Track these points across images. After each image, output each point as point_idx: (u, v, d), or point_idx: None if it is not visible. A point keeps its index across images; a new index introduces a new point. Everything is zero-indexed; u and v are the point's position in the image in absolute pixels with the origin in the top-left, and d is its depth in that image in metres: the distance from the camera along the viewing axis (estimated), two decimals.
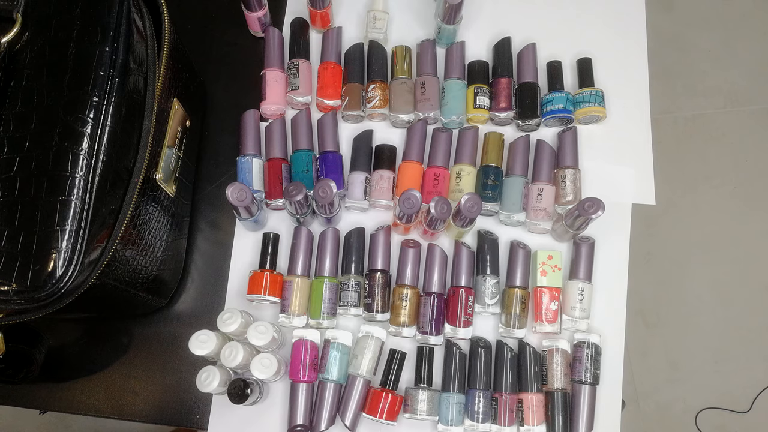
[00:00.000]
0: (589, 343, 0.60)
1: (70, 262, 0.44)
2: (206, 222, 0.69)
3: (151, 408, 0.63)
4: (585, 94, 0.66)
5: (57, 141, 0.46)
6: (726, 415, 1.37)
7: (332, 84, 0.68)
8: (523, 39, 0.70)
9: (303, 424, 0.58)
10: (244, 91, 0.71)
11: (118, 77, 0.48)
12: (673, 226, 1.46)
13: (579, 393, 0.59)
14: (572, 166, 0.64)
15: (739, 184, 1.48)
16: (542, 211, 0.62)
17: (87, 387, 0.64)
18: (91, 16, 0.49)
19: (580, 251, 0.62)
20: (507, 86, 0.67)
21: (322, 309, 0.61)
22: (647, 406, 1.38)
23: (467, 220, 0.59)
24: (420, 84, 0.67)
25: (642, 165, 0.67)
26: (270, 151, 0.66)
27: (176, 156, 0.60)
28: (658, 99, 1.52)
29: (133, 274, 0.54)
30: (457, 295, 0.60)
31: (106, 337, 0.65)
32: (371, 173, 0.66)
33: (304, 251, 0.63)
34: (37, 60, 0.47)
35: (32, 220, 0.44)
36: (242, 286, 0.65)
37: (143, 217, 0.54)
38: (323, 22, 0.71)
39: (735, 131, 1.51)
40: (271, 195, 0.65)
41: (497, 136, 0.66)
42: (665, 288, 1.43)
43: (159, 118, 0.54)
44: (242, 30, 0.73)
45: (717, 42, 1.57)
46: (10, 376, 0.59)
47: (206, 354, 0.56)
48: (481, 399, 0.58)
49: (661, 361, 1.40)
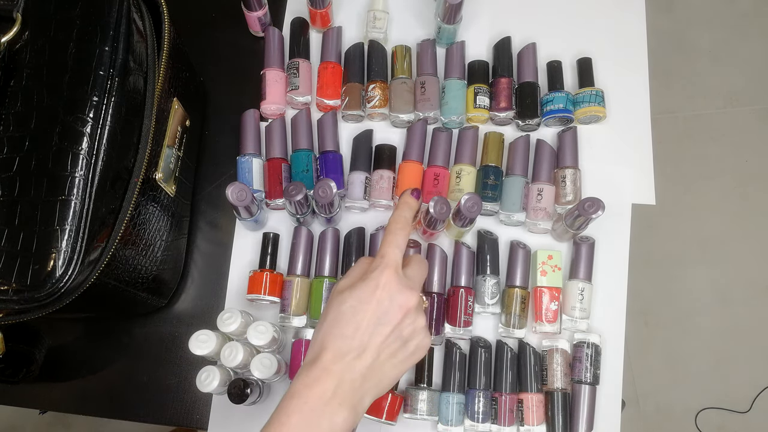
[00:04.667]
0: (589, 343, 0.60)
1: (70, 261, 0.44)
2: (206, 222, 0.69)
3: (151, 408, 0.63)
4: (585, 94, 0.66)
5: (57, 141, 0.46)
6: (726, 415, 1.37)
7: (332, 84, 0.68)
8: (523, 39, 0.70)
9: None
10: (244, 91, 0.71)
11: (117, 77, 0.48)
12: (673, 226, 1.46)
13: (579, 393, 0.59)
14: (572, 166, 0.64)
15: (739, 184, 1.48)
16: (542, 211, 0.62)
17: (87, 387, 0.64)
18: (91, 15, 0.49)
19: (580, 251, 0.62)
20: (507, 86, 0.67)
21: (321, 309, 0.60)
22: (647, 406, 1.38)
23: (467, 220, 0.59)
24: (420, 84, 0.67)
25: (642, 165, 0.67)
26: (270, 150, 0.66)
27: (176, 156, 0.60)
28: (658, 99, 1.52)
29: (133, 273, 0.54)
30: (457, 295, 0.60)
31: (106, 337, 0.65)
32: (371, 173, 0.66)
33: (304, 251, 0.63)
34: (37, 60, 0.47)
35: (32, 220, 0.44)
36: (242, 286, 0.65)
37: (143, 216, 0.54)
38: (323, 22, 0.71)
39: (735, 131, 1.51)
40: (271, 195, 0.65)
41: (497, 136, 0.66)
42: (665, 288, 1.43)
43: (159, 118, 0.54)
44: (242, 30, 0.73)
45: (717, 42, 1.57)
46: (10, 376, 0.59)
47: (206, 354, 0.56)
48: (481, 399, 0.58)
49: (661, 361, 1.40)
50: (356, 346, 0.42)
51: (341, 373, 0.41)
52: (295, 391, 0.41)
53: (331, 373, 0.41)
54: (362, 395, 0.42)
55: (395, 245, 0.45)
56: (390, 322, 0.42)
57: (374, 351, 0.42)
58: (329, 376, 0.41)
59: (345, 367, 0.41)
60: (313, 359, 0.42)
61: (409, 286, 0.44)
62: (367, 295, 0.42)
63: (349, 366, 0.41)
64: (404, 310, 0.43)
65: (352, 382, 0.41)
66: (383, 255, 0.44)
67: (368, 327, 0.42)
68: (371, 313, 0.42)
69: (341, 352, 0.41)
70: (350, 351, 0.41)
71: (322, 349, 0.42)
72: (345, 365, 0.41)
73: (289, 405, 0.40)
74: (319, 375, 0.41)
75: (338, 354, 0.41)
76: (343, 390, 0.41)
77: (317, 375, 0.41)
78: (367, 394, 0.42)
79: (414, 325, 0.44)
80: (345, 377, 0.41)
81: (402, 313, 0.43)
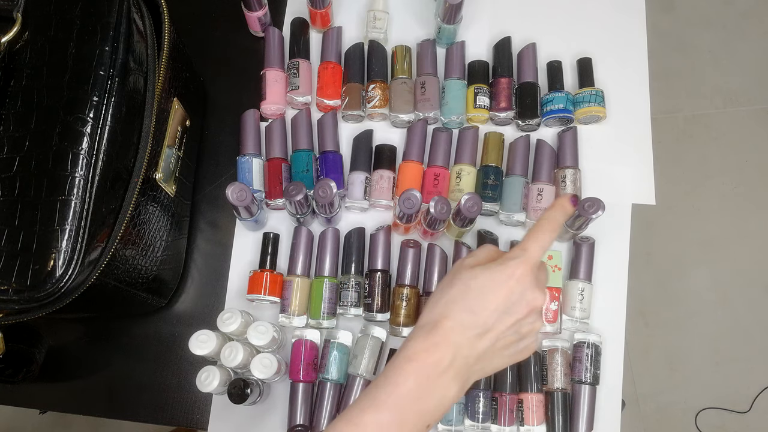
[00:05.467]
0: (589, 343, 0.60)
1: (70, 261, 0.44)
2: (206, 222, 0.69)
3: (151, 408, 0.63)
4: (585, 94, 0.66)
5: (57, 141, 0.46)
6: (726, 415, 1.37)
7: (332, 84, 0.68)
8: (523, 39, 0.70)
9: (303, 424, 0.58)
10: (244, 91, 0.71)
11: (118, 77, 0.48)
12: (673, 226, 1.46)
13: (579, 393, 0.59)
14: (572, 166, 0.64)
15: (739, 184, 1.48)
16: (542, 211, 0.62)
17: (87, 387, 0.64)
18: (91, 15, 0.49)
19: (580, 251, 0.62)
20: (507, 86, 0.67)
21: (322, 309, 0.61)
22: (647, 406, 1.38)
23: (467, 220, 0.59)
24: (420, 84, 0.67)
25: (642, 165, 0.67)
26: (270, 150, 0.66)
27: (176, 156, 0.60)
28: (658, 99, 1.52)
29: (133, 273, 0.54)
30: None
31: (106, 337, 0.65)
32: (371, 173, 0.66)
33: (304, 251, 0.63)
34: (37, 60, 0.47)
35: (32, 220, 0.44)
36: (242, 286, 0.65)
37: (143, 216, 0.54)
38: (323, 22, 0.71)
39: (735, 131, 1.51)
40: (271, 195, 0.65)
41: (497, 136, 0.66)
42: (665, 288, 1.43)
43: (159, 118, 0.54)
44: (242, 30, 0.73)
45: (717, 42, 1.57)
46: (10, 376, 0.59)
47: (206, 354, 0.56)
48: (481, 399, 0.58)
49: (661, 361, 1.40)
50: (481, 324, 0.41)
51: (459, 346, 0.40)
52: (412, 354, 0.40)
53: (451, 343, 0.40)
54: (470, 375, 0.41)
55: (540, 243, 0.44)
56: (516, 313, 0.42)
57: (494, 336, 0.41)
58: (448, 346, 0.40)
59: (465, 341, 0.40)
60: (432, 324, 0.41)
61: (541, 287, 0.43)
62: (502, 280, 0.41)
63: (469, 342, 0.41)
64: (531, 307, 0.42)
65: (466, 358, 0.40)
66: (525, 248, 0.43)
67: (496, 310, 0.41)
68: (503, 299, 0.41)
69: (464, 325, 0.41)
70: (474, 327, 0.41)
71: (444, 317, 0.41)
72: (465, 340, 0.40)
73: (406, 367, 0.39)
74: (438, 342, 0.40)
75: (461, 326, 0.41)
76: (458, 364, 0.40)
77: (436, 341, 0.40)
78: (473, 375, 0.42)
79: (533, 326, 0.44)
80: (462, 351, 0.40)
81: (528, 310, 0.42)
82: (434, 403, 0.39)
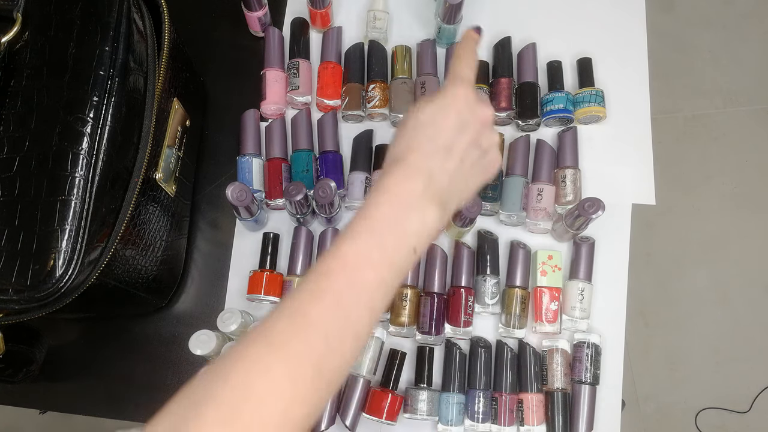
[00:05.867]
0: (589, 343, 0.60)
1: (70, 261, 0.44)
2: (206, 222, 0.69)
3: (151, 408, 0.63)
4: (585, 94, 0.66)
5: (57, 141, 0.46)
6: (726, 415, 1.37)
7: (332, 84, 0.68)
8: (523, 39, 0.70)
9: None
10: (244, 91, 0.71)
11: (118, 77, 0.48)
12: (673, 226, 1.46)
13: (579, 393, 0.59)
14: (572, 166, 0.64)
15: (739, 184, 1.48)
16: (542, 211, 0.62)
17: (87, 387, 0.64)
18: (91, 15, 0.49)
19: (580, 251, 0.62)
20: (507, 86, 0.67)
21: None
22: (647, 406, 1.38)
23: (467, 220, 0.59)
24: (420, 84, 0.67)
25: (642, 165, 0.67)
26: (270, 150, 0.66)
27: (176, 156, 0.60)
28: (658, 99, 1.52)
29: (133, 273, 0.54)
30: (457, 295, 0.60)
31: (106, 337, 0.65)
32: (371, 173, 0.66)
33: (304, 251, 0.63)
34: (37, 60, 0.47)
35: (32, 220, 0.44)
36: (242, 286, 0.65)
37: (143, 216, 0.54)
38: (323, 22, 0.71)
39: (735, 131, 1.51)
40: (271, 195, 0.65)
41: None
42: (665, 288, 1.43)
43: (159, 118, 0.54)
44: (242, 30, 0.73)
45: (717, 42, 1.57)
46: (10, 376, 0.59)
47: (206, 354, 0.56)
48: (481, 399, 0.58)
49: (661, 361, 1.40)
50: (441, 146, 0.41)
51: (430, 171, 0.40)
52: (383, 187, 0.39)
53: (421, 170, 0.40)
54: (448, 198, 0.41)
55: (467, 65, 0.44)
56: (471, 128, 0.42)
57: (458, 154, 0.41)
58: (419, 173, 0.40)
59: (434, 165, 0.40)
60: (398, 160, 0.41)
61: (486, 101, 0.43)
62: (448, 103, 0.42)
63: (438, 165, 0.40)
64: (482, 119, 0.42)
65: (440, 181, 0.40)
66: (456, 74, 0.43)
67: (451, 129, 0.41)
68: (454, 118, 0.41)
69: (428, 151, 0.41)
70: (437, 151, 0.41)
71: (409, 150, 0.41)
72: (434, 164, 0.40)
73: (377, 198, 0.39)
74: (409, 173, 0.40)
75: (426, 153, 0.41)
76: (433, 188, 0.40)
77: (407, 173, 0.40)
78: (451, 199, 0.42)
79: (491, 138, 0.44)
80: (434, 177, 0.40)
81: (481, 123, 0.42)
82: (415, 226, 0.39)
